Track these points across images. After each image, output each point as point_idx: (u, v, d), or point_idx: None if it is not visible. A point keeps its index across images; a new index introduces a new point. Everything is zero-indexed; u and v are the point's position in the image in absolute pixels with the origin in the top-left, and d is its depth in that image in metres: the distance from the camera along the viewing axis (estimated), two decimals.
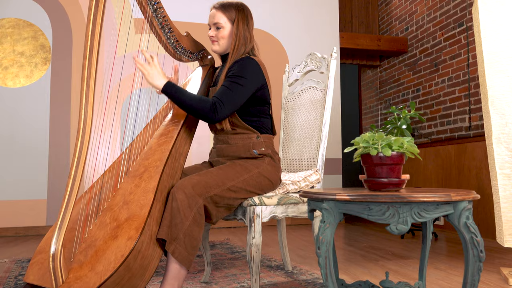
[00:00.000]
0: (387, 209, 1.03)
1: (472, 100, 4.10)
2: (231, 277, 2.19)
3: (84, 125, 1.39)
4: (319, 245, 1.07)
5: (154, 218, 1.44)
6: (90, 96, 1.41)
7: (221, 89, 1.71)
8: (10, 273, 2.34)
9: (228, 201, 1.64)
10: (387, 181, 1.16)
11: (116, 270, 1.27)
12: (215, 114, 1.67)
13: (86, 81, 1.42)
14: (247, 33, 1.83)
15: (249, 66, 1.75)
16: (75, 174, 1.36)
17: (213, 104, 1.67)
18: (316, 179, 1.97)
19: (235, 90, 1.70)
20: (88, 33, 1.43)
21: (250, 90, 1.74)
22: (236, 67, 1.75)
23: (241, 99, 1.72)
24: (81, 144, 1.38)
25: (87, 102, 1.41)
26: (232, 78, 1.72)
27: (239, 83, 1.70)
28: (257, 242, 1.68)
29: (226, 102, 1.68)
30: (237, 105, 1.72)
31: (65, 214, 1.32)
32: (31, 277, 1.39)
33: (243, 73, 1.72)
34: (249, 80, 1.72)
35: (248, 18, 1.85)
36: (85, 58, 1.42)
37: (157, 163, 1.58)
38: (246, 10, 1.87)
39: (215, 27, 1.84)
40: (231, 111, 1.71)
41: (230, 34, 1.83)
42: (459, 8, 4.32)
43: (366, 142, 1.18)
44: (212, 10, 1.85)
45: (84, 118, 1.40)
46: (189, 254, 1.49)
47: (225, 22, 1.82)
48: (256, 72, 1.75)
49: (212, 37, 1.86)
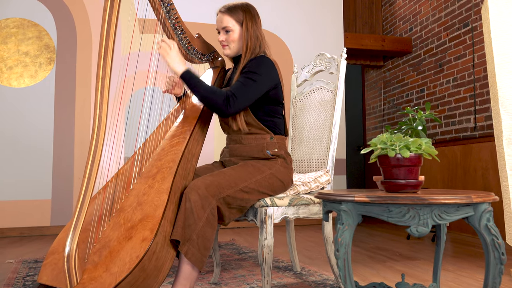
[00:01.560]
0: (407, 211, 1.03)
1: (478, 100, 4.10)
2: (239, 278, 2.19)
3: (99, 125, 1.39)
4: (338, 247, 1.07)
5: (168, 219, 1.43)
6: (105, 97, 1.40)
7: (235, 84, 1.72)
8: (18, 273, 2.34)
9: (240, 202, 1.64)
10: (405, 182, 1.16)
11: (132, 271, 1.27)
12: (228, 107, 1.67)
13: (101, 82, 1.42)
14: (257, 32, 1.83)
15: (263, 64, 1.75)
16: (89, 174, 1.35)
17: (227, 97, 1.67)
18: (326, 180, 1.96)
19: (249, 85, 1.70)
20: (103, 34, 1.42)
21: (264, 87, 1.75)
22: (251, 64, 1.76)
23: (254, 95, 1.73)
24: (95, 144, 1.38)
25: (102, 103, 1.40)
26: (247, 74, 1.73)
27: (253, 79, 1.71)
28: (269, 243, 1.67)
29: (239, 96, 1.68)
30: (250, 100, 1.72)
31: (79, 214, 1.32)
32: (45, 278, 1.38)
33: (258, 69, 1.73)
34: (263, 77, 1.73)
35: (256, 17, 1.85)
36: (100, 58, 1.42)
37: (170, 164, 1.58)
38: (252, 9, 1.87)
39: (224, 31, 1.83)
40: (244, 106, 1.72)
41: (240, 37, 1.83)
42: (464, 8, 4.31)
43: (383, 144, 1.17)
44: (219, 15, 1.84)
45: (99, 118, 1.39)
46: (202, 255, 1.49)
47: (233, 25, 1.81)
48: (270, 70, 1.76)
49: (222, 41, 1.85)
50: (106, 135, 1.34)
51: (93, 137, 1.38)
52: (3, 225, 3.89)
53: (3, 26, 4.09)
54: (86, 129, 4.18)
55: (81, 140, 4.15)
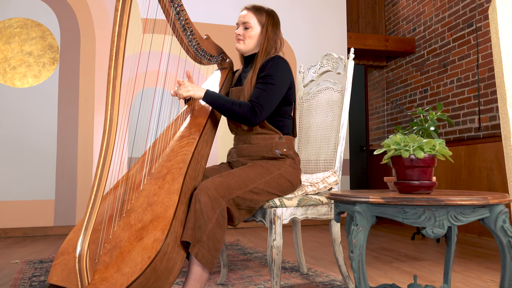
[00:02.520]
0: (423, 212, 1.03)
1: (482, 101, 4.09)
2: (246, 279, 2.18)
3: (110, 126, 1.38)
4: (352, 249, 1.06)
5: (179, 220, 1.43)
6: (116, 97, 1.40)
7: (256, 91, 1.72)
8: (24, 274, 2.33)
9: (250, 203, 1.63)
10: (419, 183, 1.15)
11: (143, 272, 1.26)
12: (255, 117, 1.70)
13: (112, 82, 1.41)
14: (276, 37, 1.86)
15: (280, 65, 1.77)
16: (101, 174, 1.35)
17: (252, 108, 1.69)
18: (334, 180, 1.96)
19: (270, 91, 1.72)
20: (115, 34, 1.42)
21: (284, 90, 1.77)
22: (268, 66, 1.76)
23: (277, 99, 1.75)
24: (106, 145, 1.37)
25: (113, 103, 1.40)
26: (266, 79, 1.73)
27: (274, 84, 1.73)
28: (278, 244, 1.67)
29: (264, 105, 1.70)
30: (274, 106, 1.75)
31: (91, 215, 1.31)
32: (55, 278, 1.38)
33: (276, 72, 1.74)
34: (281, 80, 1.75)
35: (278, 24, 1.90)
36: (111, 59, 1.41)
37: (180, 165, 1.57)
38: (276, 16, 1.91)
39: (244, 26, 1.86)
40: (269, 112, 1.74)
41: (257, 36, 1.85)
42: (468, 8, 4.31)
43: (397, 144, 1.17)
44: (244, 10, 1.88)
45: (110, 119, 1.39)
46: (212, 256, 1.48)
47: (254, 23, 1.84)
48: (287, 71, 1.79)
49: (238, 35, 1.87)
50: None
51: (104, 137, 1.38)
52: (7, 225, 3.89)
53: (7, 26, 4.09)
54: (90, 129, 4.17)
55: (85, 140, 4.15)
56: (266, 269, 2.42)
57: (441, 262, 2.64)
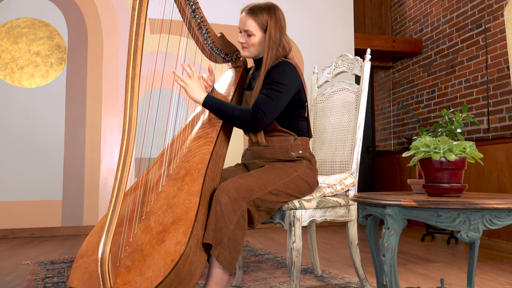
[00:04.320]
0: (457, 216, 1.01)
1: (491, 102, 4.07)
2: (261, 281, 2.17)
3: (130, 126, 1.36)
4: (384, 252, 1.04)
5: (200, 222, 1.41)
6: (135, 97, 1.38)
7: (260, 97, 1.68)
8: (36, 275, 2.32)
9: (269, 205, 1.61)
10: (449, 186, 1.14)
11: (167, 276, 1.24)
12: (257, 124, 1.65)
13: (130, 82, 1.39)
14: (281, 38, 1.76)
15: (286, 71, 1.71)
16: (121, 176, 1.33)
17: (254, 114, 1.65)
18: (351, 182, 1.94)
19: (274, 97, 1.67)
20: (132, 33, 1.40)
21: (289, 96, 1.71)
22: (274, 73, 1.71)
23: (281, 106, 1.70)
24: (126, 146, 1.35)
25: (132, 104, 1.38)
26: (271, 85, 1.68)
27: (278, 90, 1.67)
28: (297, 246, 1.65)
29: (267, 111, 1.65)
30: (278, 113, 1.70)
31: (112, 217, 1.29)
32: (75, 282, 1.36)
33: (282, 79, 1.69)
34: (287, 86, 1.69)
35: (281, 20, 1.78)
36: (129, 59, 1.39)
37: (199, 166, 1.55)
38: (278, 12, 1.78)
39: (246, 34, 1.78)
40: (272, 119, 1.69)
41: (260, 42, 1.77)
42: (477, 9, 4.29)
43: (427, 147, 1.15)
44: (242, 14, 1.78)
45: (129, 119, 1.37)
46: (232, 258, 1.47)
47: (256, 29, 1.75)
48: (294, 76, 1.72)
49: (242, 43, 1.80)
50: (116, 136, 1.30)
51: (124, 138, 1.36)
52: (14, 226, 3.88)
53: (14, 26, 4.07)
54: (97, 130, 4.16)
55: (92, 140, 4.13)
56: (279, 270, 2.40)
57: (454, 264, 2.62)
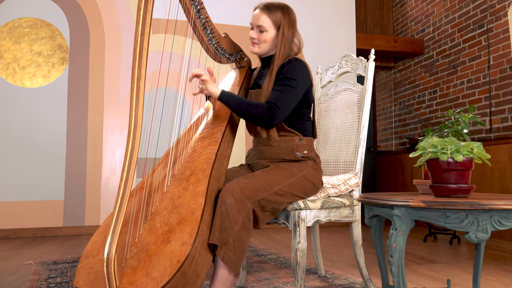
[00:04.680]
0: (465, 217, 1.00)
1: (493, 102, 4.07)
2: (264, 281, 2.16)
3: (135, 127, 1.36)
4: (392, 253, 1.04)
5: (205, 222, 1.41)
6: (141, 98, 1.38)
7: (274, 93, 1.69)
8: (39, 275, 2.31)
9: (274, 205, 1.61)
10: (456, 187, 1.13)
11: (173, 276, 1.24)
12: (272, 119, 1.65)
13: (136, 82, 1.39)
14: (294, 37, 1.79)
15: (298, 68, 1.73)
16: (127, 177, 1.32)
17: (269, 109, 1.65)
18: (355, 182, 1.94)
19: (288, 93, 1.68)
20: (138, 33, 1.39)
21: (301, 93, 1.73)
22: (286, 69, 1.72)
23: (294, 102, 1.71)
24: (132, 146, 1.35)
25: (138, 104, 1.38)
26: (284, 81, 1.69)
27: (292, 86, 1.68)
28: (302, 247, 1.64)
29: (281, 106, 1.66)
30: (291, 108, 1.71)
31: (118, 218, 1.29)
32: (81, 282, 1.36)
33: (295, 75, 1.70)
34: (300, 82, 1.71)
35: (294, 20, 1.81)
36: (135, 59, 1.39)
37: (204, 166, 1.55)
38: (292, 12, 1.82)
39: (258, 29, 1.79)
40: (286, 115, 1.70)
41: (272, 39, 1.79)
42: (479, 9, 4.28)
43: (434, 147, 1.14)
44: (256, 11, 1.79)
45: (135, 120, 1.37)
46: (238, 259, 1.46)
47: (269, 26, 1.77)
48: (305, 73, 1.74)
49: (253, 38, 1.81)
50: (119, 135, 1.30)
51: (129, 138, 1.36)
52: (16, 226, 3.87)
53: (16, 26, 4.07)
54: (99, 130, 4.15)
55: (94, 140, 4.13)
56: (282, 271, 2.40)
57: (457, 264, 2.62)
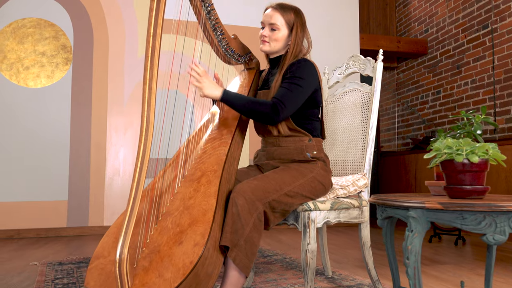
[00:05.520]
0: (483, 219, 1.00)
1: (498, 103, 4.07)
2: (272, 283, 2.16)
3: (147, 128, 1.36)
4: (408, 255, 1.04)
5: (217, 223, 1.41)
6: (153, 99, 1.37)
7: (280, 90, 1.69)
8: (46, 276, 2.31)
9: (284, 207, 1.61)
10: (471, 188, 1.13)
11: (186, 277, 1.24)
12: (276, 115, 1.64)
13: (148, 83, 1.38)
14: (303, 37, 1.80)
15: (306, 68, 1.73)
16: (139, 178, 1.32)
17: (274, 105, 1.64)
18: (364, 183, 1.93)
19: (295, 90, 1.67)
20: (150, 34, 1.39)
21: (308, 92, 1.73)
22: (294, 68, 1.73)
23: (300, 100, 1.70)
24: (144, 147, 1.35)
25: (150, 105, 1.37)
26: (291, 79, 1.69)
27: (298, 84, 1.68)
28: (312, 248, 1.64)
29: (287, 103, 1.65)
30: (297, 106, 1.70)
31: (130, 218, 1.29)
32: (92, 283, 1.36)
33: (302, 74, 1.70)
34: (307, 81, 1.70)
35: (305, 23, 1.83)
36: (147, 59, 1.39)
37: (215, 167, 1.55)
38: (303, 15, 1.84)
39: (270, 27, 1.79)
40: (291, 112, 1.70)
41: (283, 38, 1.79)
42: (484, 10, 4.28)
43: (449, 148, 1.14)
44: (269, 10, 1.80)
45: (147, 121, 1.36)
46: (249, 261, 1.46)
47: (282, 24, 1.77)
48: (313, 74, 1.74)
49: (264, 36, 1.80)
50: (123, 135, 1.31)
51: (142, 139, 1.35)
52: (20, 226, 3.87)
53: (20, 26, 4.07)
54: (103, 130, 4.15)
55: (98, 141, 4.13)
56: (289, 272, 2.40)
57: (464, 265, 2.61)
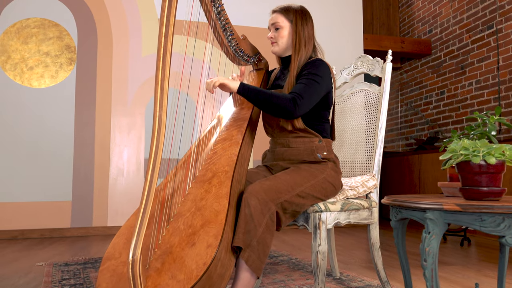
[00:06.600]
0: (502, 220, 0.99)
1: (503, 103, 4.06)
2: (279, 284, 2.15)
3: (159, 128, 1.35)
4: (425, 257, 1.03)
5: (229, 225, 1.40)
6: (165, 99, 1.37)
7: (298, 85, 1.69)
8: (52, 277, 2.30)
9: (295, 207, 1.60)
10: (488, 190, 1.12)
11: (200, 279, 1.23)
12: (295, 109, 1.63)
13: (160, 83, 1.38)
14: (307, 32, 1.81)
15: (322, 66, 1.74)
16: (151, 179, 1.32)
17: (293, 99, 1.64)
18: (373, 184, 1.93)
19: (312, 86, 1.68)
20: (162, 35, 1.39)
21: (324, 90, 1.74)
22: (310, 66, 1.74)
23: (317, 96, 1.71)
24: (156, 148, 1.34)
25: (162, 105, 1.36)
26: (308, 75, 1.70)
27: (315, 81, 1.69)
28: (323, 249, 1.63)
29: (305, 97, 1.65)
30: (314, 102, 1.71)
31: (143, 219, 1.28)
32: (104, 285, 1.35)
33: (318, 71, 1.72)
34: (324, 79, 1.72)
35: (307, 18, 1.84)
36: (159, 60, 1.38)
37: (226, 168, 1.54)
38: (305, 12, 1.86)
39: (274, 28, 1.84)
40: (310, 106, 1.69)
41: (288, 34, 1.82)
42: (488, 10, 4.27)
43: (465, 149, 1.13)
44: (272, 14, 1.86)
45: (159, 121, 1.35)
46: (261, 262, 1.45)
47: (282, 21, 1.82)
48: (328, 73, 1.75)
49: (271, 38, 1.85)
50: (126, 136, 1.30)
51: (154, 140, 1.34)
52: (24, 227, 3.86)
53: (24, 26, 4.06)
54: (107, 130, 4.14)
55: (102, 141, 4.12)
56: (296, 273, 2.39)
57: (470, 266, 2.60)
